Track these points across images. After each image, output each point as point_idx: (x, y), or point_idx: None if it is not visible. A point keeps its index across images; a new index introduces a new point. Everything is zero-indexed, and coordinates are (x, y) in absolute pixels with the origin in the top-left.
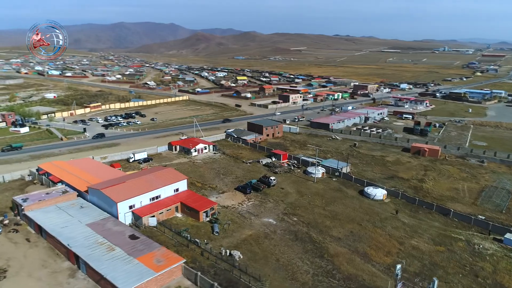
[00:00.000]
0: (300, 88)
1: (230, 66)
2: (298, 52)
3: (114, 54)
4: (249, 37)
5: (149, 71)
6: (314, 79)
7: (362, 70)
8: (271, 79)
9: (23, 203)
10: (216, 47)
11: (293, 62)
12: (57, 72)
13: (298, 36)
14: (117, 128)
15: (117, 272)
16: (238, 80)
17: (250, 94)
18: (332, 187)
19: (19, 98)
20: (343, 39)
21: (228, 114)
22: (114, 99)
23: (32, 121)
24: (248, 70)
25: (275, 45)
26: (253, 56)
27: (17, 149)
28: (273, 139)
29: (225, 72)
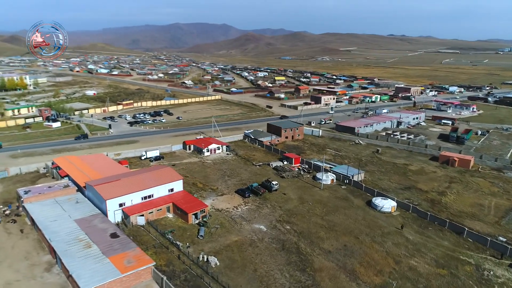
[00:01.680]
0: (337, 90)
1: (274, 66)
2: (347, 52)
3: (166, 53)
4: (298, 37)
5: (192, 71)
6: (356, 80)
7: (412, 71)
8: (310, 80)
9: (24, 195)
10: (264, 47)
11: (340, 63)
12: (106, 70)
13: (349, 36)
14: (141, 125)
15: (84, 270)
16: (276, 81)
17: (284, 94)
18: (339, 195)
19: (63, 95)
20: (397, 39)
21: (255, 115)
22: (149, 97)
23: (66, 116)
24: (290, 71)
25: (324, 45)
26: (301, 56)
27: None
28: (292, 141)
29: (266, 72)
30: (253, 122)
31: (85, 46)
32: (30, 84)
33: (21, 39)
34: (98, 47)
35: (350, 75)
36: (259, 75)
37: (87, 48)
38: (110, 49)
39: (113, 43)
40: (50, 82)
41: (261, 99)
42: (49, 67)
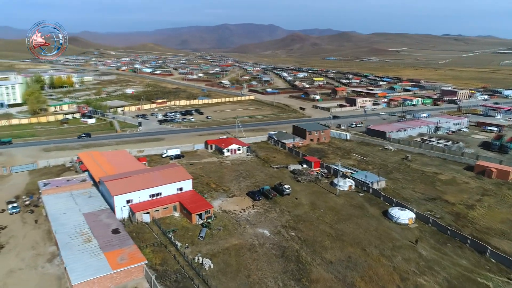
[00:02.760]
0: (377, 92)
1: (317, 67)
2: (395, 53)
3: (212, 54)
4: (345, 37)
5: (234, 71)
6: (401, 82)
7: (465, 73)
8: (351, 81)
9: (43, 187)
10: (310, 48)
11: (387, 64)
12: (149, 70)
13: (399, 36)
14: (170, 123)
15: (79, 263)
16: (314, 81)
17: (319, 96)
18: (354, 203)
19: (104, 92)
20: (452, 39)
21: (286, 116)
22: (184, 96)
23: (101, 113)
24: (332, 71)
25: (372, 45)
26: (346, 57)
27: (7, 143)
28: (317, 144)
29: (307, 73)
30: (281, 124)
31: (136, 47)
32: (76, 82)
33: (80, 40)
34: (148, 47)
35: (395, 77)
36: (298, 75)
37: (138, 48)
38: (159, 49)
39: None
40: (96, 80)
41: (295, 100)
42: (99, 66)
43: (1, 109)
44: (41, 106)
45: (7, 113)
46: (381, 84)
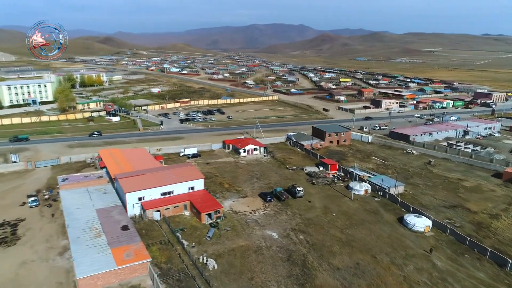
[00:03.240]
0: (405, 93)
1: (345, 67)
2: (429, 53)
3: (240, 54)
4: (377, 37)
5: (260, 71)
6: (432, 83)
7: (504, 75)
8: (379, 82)
9: (61, 182)
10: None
11: (419, 65)
12: (177, 69)
13: (434, 36)
14: (190, 123)
15: (86, 257)
16: (341, 82)
17: (344, 97)
18: (369, 208)
19: (131, 91)
20: (491, 39)
21: (307, 117)
22: (208, 96)
23: (126, 111)
24: (361, 72)
25: (404, 45)
26: (377, 58)
27: (24, 140)
28: (337, 146)
29: (334, 74)
30: (302, 125)
31: (167, 47)
32: (106, 81)
33: (114, 40)
34: (178, 48)
35: (426, 78)
36: (325, 76)
37: (168, 49)
38: (188, 49)
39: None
40: (125, 79)
41: (319, 101)
42: (129, 65)
43: (34, 106)
44: (70, 104)
45: (38, 110)
46: (410, 85)
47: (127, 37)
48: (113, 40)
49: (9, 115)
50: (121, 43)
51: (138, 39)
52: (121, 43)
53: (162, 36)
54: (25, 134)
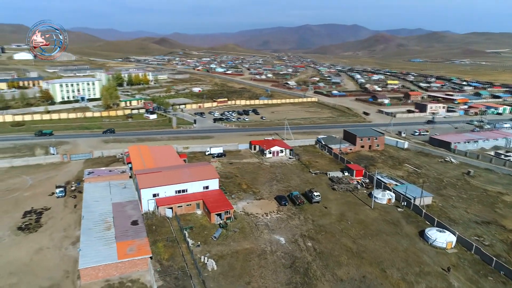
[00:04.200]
0: (457, 97)
1: (397, 69)
2: (495, 54)
3: (290, 54)
4: (435, 37)
5: (306, 72)
6: (491, 87)
7: None
8: (430, 85)
9: (87, 175)
10: (394, 49)
11: (482, 67)
12: (222, 69)
13: (501, 36)
14: (223, 122)
15: (91, 249)
16: (388, 84)
17: (388, 100)
18: (389, 218)
19: (174, 90)
20: None
21: (344, 120)
22: (247, 96)
23: (164, 109)
24: (413, 74)
25: (466, 46)
26: (435, 59)
27: (48, 135)
28: (368, 151)
29: (383, 75)
30: (336, 128)
31: (218, 47)
32: (151, 80)
33: (169, 41)
34: (228, 48)
35: (486, 81)
36: (373, 78)
37: (219, 49)
38: (239, 49)
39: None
40: (170, 78)
41: (361, 103)
42: (178, 65)
43: (82, 103)
44: (113, 101)
45: (85, 106)
46: (466, 89)
47: (182, 38)
48: (168, 41)
49: (59, 111)
50: (175, 43)
51: (193, 40)
52: (175, 44)
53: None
54: (49, 129)
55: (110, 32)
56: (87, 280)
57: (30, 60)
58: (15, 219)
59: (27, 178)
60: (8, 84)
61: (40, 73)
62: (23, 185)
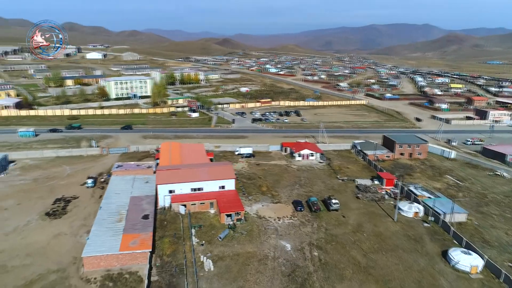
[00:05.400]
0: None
1: (468, 72)
2: None
3: (352, 55)
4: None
5: (363, 73)
6: None
7: None
8: (502, 90)
9: (115, 168)
10: (468, 50)
11: None
12: (275, 70)
13: None
14: (261, 123)
15: (98, 238)
16: (451, 88)
17: (446, 105)
18: (411, 233)
19: (222, 90)
20: None
21: (390, 125)
22: (294, 97)
23: (208, 108)
24: (485, 77)
25: None
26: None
27: (76, 128)
28: (408, 159)
29: (448, 78)
30: (379, 133)
31: (278, 48)
32: (202, 79)
33: (231, 41)
34: (288, 49)
35: None
36: (437, 81)
37: (279, 50)
38: (298, 50)
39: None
40: (222, 78)
41: (415, 108)
42: (233, 65)
43: (133, 100)
44: (161, 99)
45: (136, 103)
46: None
47: (244, 39)
48: (230, 41)
49: (110, 107)
50: (236, 44)
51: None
52: (237, 44)
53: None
54: (77, 123)
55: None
56: (90, 268)
57: (99, 59)
58: (46, 205)
59: (67, 168)
60: (74, 81)
61: (105, 72)
62: (61, 174)
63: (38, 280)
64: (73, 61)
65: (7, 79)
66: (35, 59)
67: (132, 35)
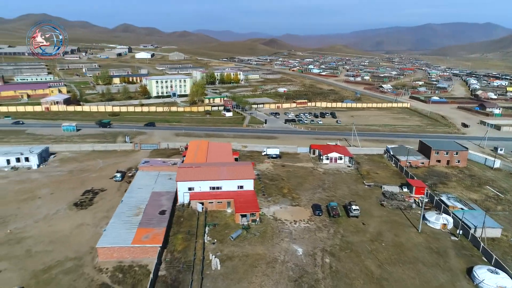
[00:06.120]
0: None
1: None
2: None
3: (403, 56)
4: None
5: (412, 75)
6: None
7: None
8: None
9: (142, 164)
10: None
11: None
12: (317, 70)
13: None
14: (293, 124)
15: (114, 231)
16: (508, 92)
17: (499, 110)
18: (436, 246)
19: (260, 90)
20: None
21: (431, 130)
22: (332, 98)
23: (242, 108)
24: None
25: None
26: None
27: (107, 124)
28: (445, 167)
29: (507, 81)
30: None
31: (325, 48)
32: (242, 79)
33: (277, 42)
34: (335, 49)
35: None
36: (493, 83)
37: (326, 50)
38: (346, 50)
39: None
40: (262, 78)
41: (463, 112)
42: (276, 66)
43: (172, 98)
44: (199, 98)
45: (174, 101)
46: None
47: (292, 39)
48: (276, 41)
49: (149, 104)
50: (283, 44)
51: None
52: (283, 45)
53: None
54: (107, 119)
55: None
56: (103, 258)
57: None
58: (76, 196)
59: (100, 162)
60: (120, 79)
61: (150, 71)
62: (94, 167)
63: (55, 266)
64: (123, 61)
65: (62, 77)
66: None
67: (183, 35)
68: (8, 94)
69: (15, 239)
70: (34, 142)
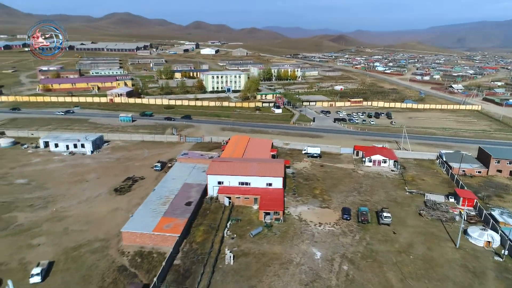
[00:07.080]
0: None
1: None
2: None
3: (486, 54)
4: None
5: (493, 74)
6: None
7: None
8: None
9: (180, 155)
10: None
11: None
12: (383, 68)
13: None
14: (342, 123)
15: (140, 217)
16: None
17: None
18: (473, 265)
19: (317, 87)
20: None
21: (499, 136)
22: (392, 98)
23: (293, 105)
24: None
25: None
26: None
27: (148, 115)
28: (507, 178)
29: None
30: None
31: (396, 45)
32: (299, 76)
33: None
34: (408, 46)
35: None
36: None
37: (398, 47)
38: (420, 47)
39: (435, 42)
40: (321, 75)
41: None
42: (338, 62)
43: (226, 93)
44: (251, 93)
45: (227, 96)
46: None
47: (363, 35)
48: (345, 38)
49: (203, 99)
50: (352, 41)
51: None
52: (352, 41)
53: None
54: (150, 111)
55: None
56: (127, 242)
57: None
58: (117, 182)
59: (146, 152)
60: (182, 74)
61: (212, 66)
62: (140, 156)
63: (85, 245)
64: (189, 56)
65: (131, 71)
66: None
67: (251, 32)
68: (82, 86)
69: (58, 217)
70: (93, 130)
